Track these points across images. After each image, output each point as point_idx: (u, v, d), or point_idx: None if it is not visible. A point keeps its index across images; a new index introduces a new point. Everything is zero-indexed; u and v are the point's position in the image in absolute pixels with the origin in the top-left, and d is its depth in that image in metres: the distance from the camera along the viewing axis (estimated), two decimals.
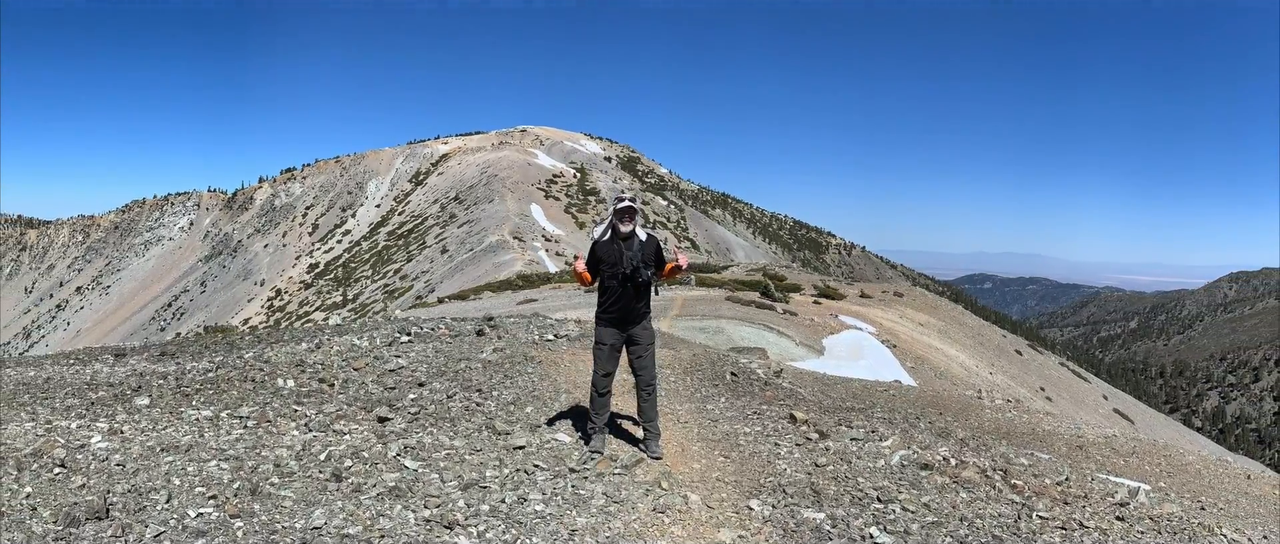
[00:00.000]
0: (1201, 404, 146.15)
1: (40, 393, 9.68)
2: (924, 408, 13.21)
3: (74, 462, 7.02)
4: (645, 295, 8.13)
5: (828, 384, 14.63)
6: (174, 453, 7.39)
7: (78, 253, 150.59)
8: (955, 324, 44.06)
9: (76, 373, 11.15)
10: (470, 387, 10.19)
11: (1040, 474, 8.97)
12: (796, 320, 29.65)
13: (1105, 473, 10.35)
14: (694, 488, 7.46)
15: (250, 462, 7.24)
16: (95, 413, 8.70)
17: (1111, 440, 13.36)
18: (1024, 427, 13.21)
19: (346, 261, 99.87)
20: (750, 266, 60.54)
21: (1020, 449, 10.65)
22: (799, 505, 7.15)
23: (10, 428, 7.98)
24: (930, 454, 8.92)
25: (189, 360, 11.92)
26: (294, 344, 12.86)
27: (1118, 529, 7.17)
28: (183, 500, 6.32)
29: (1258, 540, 7.70)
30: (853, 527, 6.72)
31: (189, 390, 9.78)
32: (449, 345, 12.51)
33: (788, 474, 7.97)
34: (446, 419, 8.87)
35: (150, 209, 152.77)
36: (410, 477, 7.09)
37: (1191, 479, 11.42)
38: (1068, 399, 36.27)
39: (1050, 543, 6.61)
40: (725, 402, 10.81)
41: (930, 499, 7.44)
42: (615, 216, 8.02)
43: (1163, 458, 12.52)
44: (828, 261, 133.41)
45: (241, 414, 8.69)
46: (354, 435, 8.15)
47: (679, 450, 8.51)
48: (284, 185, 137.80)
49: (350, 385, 10.12)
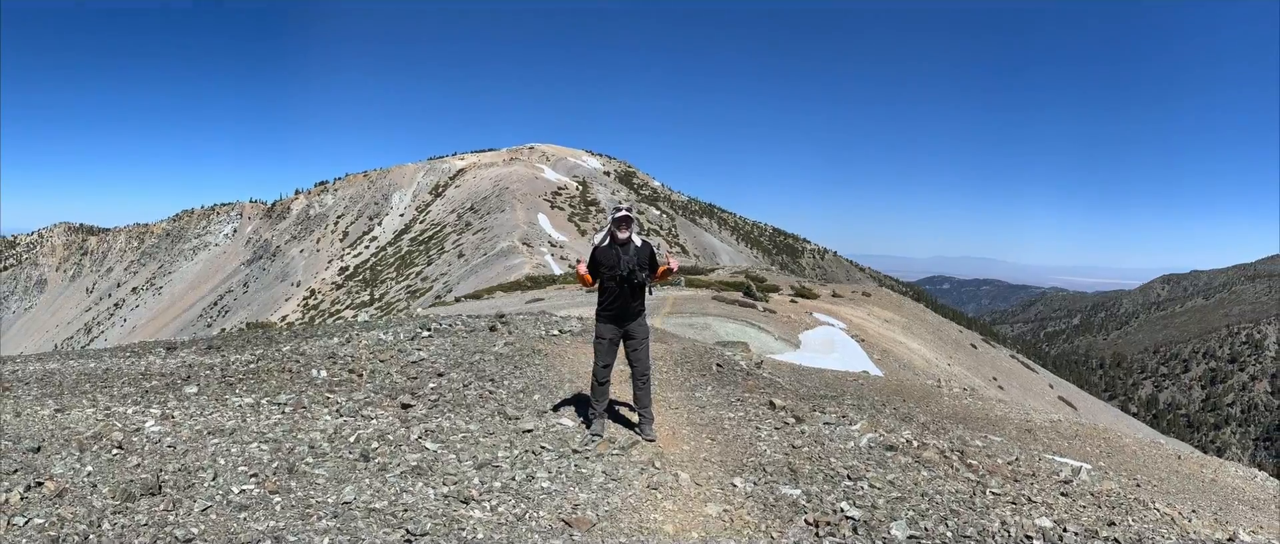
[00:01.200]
0: (1137, 392, 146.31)
1: (100, 382, 9.67)
2: (889, 395, 13.23)
3: (130, 443, 7.02)
4: (640, 295, 8.15)
5: (803, 374, 14.64)
6: (219, 436, 7.39)
7: (133, 257, 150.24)
8: (917, 321, 44.07)
9: (132, 364, 11.14)
10: (484, 376, 10.20)
11: (993, 455, 8.98)
12: (775, 318, 29.65)
13: (1051, 454, 10.37)
14: (684, 467, 7.47)
15: (287, 444, 7.24)
16: (149, 400, 8.69)
17: (1057, 425, 13.37)
18: (978, 412, 13.23)
19: (373, 265, 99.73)
20: (734, 269, 60.53)
21: (975, 432, 10.66)
22: (777, 483, 7.16)
23: (73, 413, 7.98)
24: (895, 437, 8.94)
25: (233, 353, 11.91)
26: (326, 339, 12.85)
27: (1062, 504, 7.19)
28: (227, 478, 6.32)
29: (1187, 513, 7.72)
30: (826, 502, 6.73)
31: (233, 380, 9.78)
32: (465, 340, 12.51)
33: (767, 455, 7.98)
34: (463, 406, 8.88)
35: (198, 218, 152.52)
36: (430, 457, 7.10)
37: (1128, 459, 11.44)
38: (1018, 388, 36.29)
39: (1002, 517, 6.62)
40: (712, 390, 10.82)
41: (895, 477, 7.45)
42: (613, 225, 8.04)
43: (1102, 440, 12.53)
44: (803, 265, 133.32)
45: (280, 401, 8.69)
46: (380, 420, 8.15)
47: (670, 434, 8.52)
48: (317, 197, 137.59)
49: (377, 375, 10.12)
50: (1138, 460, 11.38)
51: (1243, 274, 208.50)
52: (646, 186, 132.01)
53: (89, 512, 5.50)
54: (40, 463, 6.42)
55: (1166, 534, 6.63)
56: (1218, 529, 7.20)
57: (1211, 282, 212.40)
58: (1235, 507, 9.50)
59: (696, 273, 50.36)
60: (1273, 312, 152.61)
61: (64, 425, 7.55)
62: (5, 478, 6.01)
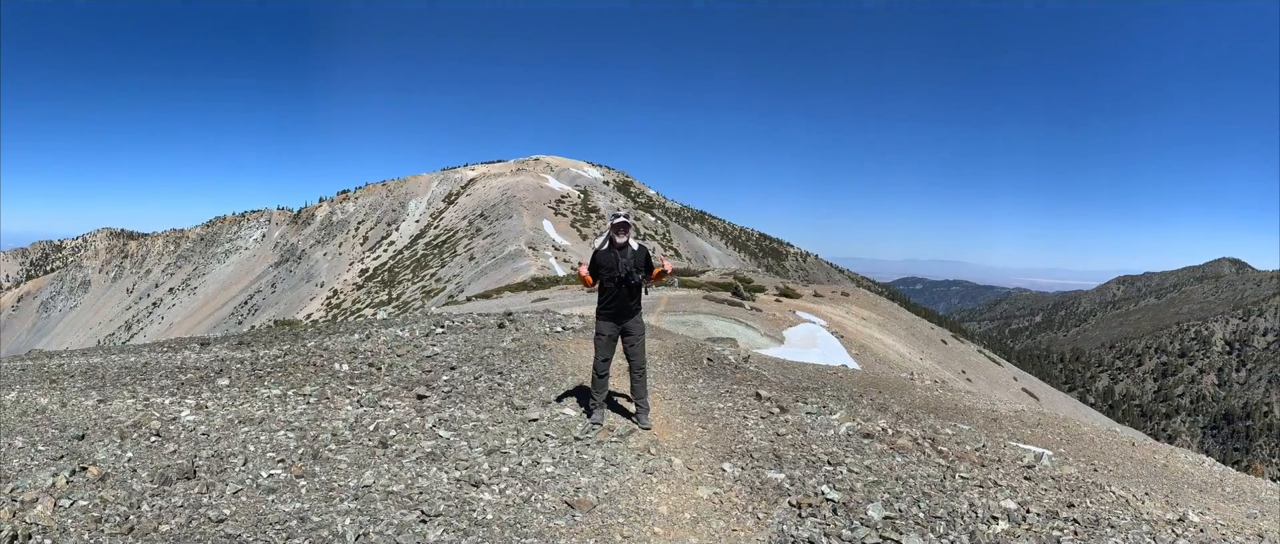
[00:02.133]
0: (1094, 384, 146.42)
1: (139, 375, 9.68)
2: (866, 387, 13.22)
3: (167, 431, 7.03)
4: (637, 295, 8.16)
5: (787, 368, 14.63)
6: (249, 424, 7.39)
7: (170, 260, 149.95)
8: (892, 319, 44.07)
9: (169, 359, 11.14)
10: (493, 370, 10.20)
11: (962, 442, 8.99)
12: (761, 315, 29.64)
13: (1015, 441, 10.37)
14: (677, 453, 7.48)
15: (312, 432, 7.25)
16: (184, 391, 8.70)
17: (1021, 414, 13.37)
18: (948, 403, 13.22)
19: (391, 267, 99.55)
20: (723, 271, 60.48)
21: (945, 421, 10.66)
22: (763, 467, 7.17)
23: (115, 403, 7.99)
24: (871, 425, 8.94)
25: (261, 348, 11.90)
26: (348, 335, 12.85)
27: (1026, 487, 7.20)
28: (256, 463, 6.32)
29: (1140, 496, 7.73)
30: (808, 485, 6.74)
31: (262, 373, 9.78)
32: (475, 336, 12.51)
33: (754, 442, 7.98)
34: (473, 397, 8.88)
35: (230, 224, 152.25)
36: (444, 444, 7.11)
37: (1086, 446, 11.44)
38: (984, 380, 36.29)
39: (970, 499, 6.63)
40: (703, 382, 10.83)
41: (871, 462, 7.46)
42: (612, 230, 8.05)
43: (1063, 429, 12.53)
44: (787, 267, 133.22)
45: (305, 392, 8.69)
46: (397, 410, 8.16)
47: (664, 422, 8.53)
48: (340, 204, 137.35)
49: (394, 369, 10.13)
50: (1095, 447, 11.38)
51: (1192, 275, 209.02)
52: (643, 195, 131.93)
53: (129, 494, 5.50)
54: (85, 449, 6.43)
55: (1121, 515, 6.64)
56: (1169, 511, 7.22)
57: (1163, 282, 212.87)
58: (1185, 490, 9.50)
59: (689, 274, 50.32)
60: (1219, 310, 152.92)
61: (106, 415, 7.56)
62: (52, 463, 6.02)
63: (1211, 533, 6.57)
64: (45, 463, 6.03)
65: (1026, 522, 6.20)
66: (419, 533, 5.33)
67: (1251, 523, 7.70)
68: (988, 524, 6.12)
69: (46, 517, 5.05)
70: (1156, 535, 6.25)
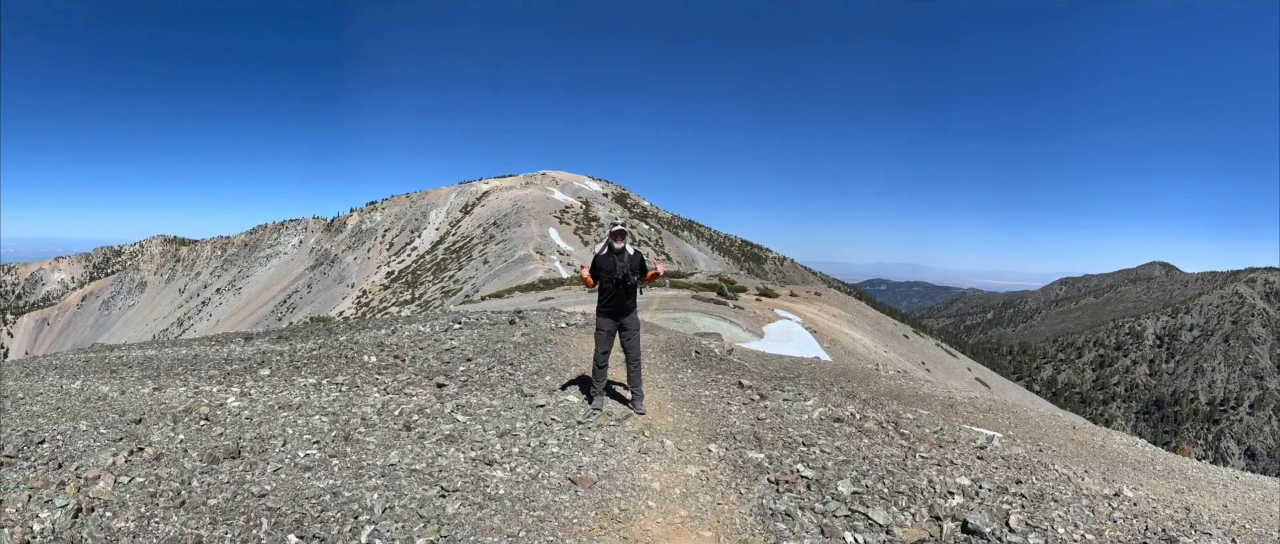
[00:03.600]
0: (1039, 374, 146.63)
1: (190, 366, 9.67)
2: (836, 377, 13.25)
3: (215, 416, 7.02)
4: (632, 294, 8.17)
5: (766, 359, 14.66)
6: (288, 410, 7.39)
7: (217, 263, 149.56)
8: (859, 316, 44.12)
9: (216, 351, 11.13)
10: (505, 361, 10.20)
11: (922, 425, 9.01)
12: (743, 313, 29.65)
13: (969, 425, 10.40)
14: (668, 435, 7.48)
15: (344, 416, 7.24)
16: (230, 380, 8.69)
17: (974, 401, 13.41)
18: (910, 391, 13.26)
19: (414, 270, 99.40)
20: (709, 274, 60.51)
21: (907, 407, 10.68)
22: (745, 448, 7.18)
23: (169, 391, 7.98)
24: (841, 410, 8.96)
25: (299, 342, 11.89)
26: (375, 330, 12.84)
27: (979, 466, 7.21)
28: (294, 444, 6.32)
29: (1080, 473, 7.75)
30: (784, 464, 6.75)
31: (299, 364, 9.77)
32: (489, 331, 12.51)
33: (737, 425, 7.99)
34: (487, 385, 8.88)
35: (271, 231, 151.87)
36: (461, 427, 7.11)
37: (1032, 429, 11.47)
38: (942, 371, 36.34)
39: (929, 476, 6.64)
40: (691, 372, 10.83)
41: (841, 444, 7.47)
42: (611, 237, 8.06)
43: (1011, 414, 12.57)
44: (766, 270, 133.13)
45: (337, 381, 8.69)
46: (419, 397, 8.15)
47: (657, 408, 8.53)
48: (368, 214, 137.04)
49: (417, 360, 10.12)
50: (1040, 430, 11.41)
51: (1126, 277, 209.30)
52: (638, 205, 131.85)
53: (181, 472, 5.50)
54: (141, 432, 6.42)
55: (1064, 491, 6.66)
56: (1106, 486, 7.23)
57: (1101, 283, 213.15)
58: (1120, 468, 9.53)
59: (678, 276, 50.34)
60: (1150, 308, 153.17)
61: (161, 401, 7.55)
62: (113, 444, 6.02)
63: (1144, 506, 6.59)
64: (106, 444, 6.03)
65: (979, 496, 6.22)
66: (439, 506, 5.33)
67: (1179, 497, 7.72)
68: (945, 498, 6.13)
69: (107, 492, 5.04)
70: (1095, 509, 6.26)
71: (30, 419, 6.78)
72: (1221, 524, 6.48)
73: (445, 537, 4.94)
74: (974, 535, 5.52)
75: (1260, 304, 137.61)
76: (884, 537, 5.50)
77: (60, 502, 4.83)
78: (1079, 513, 6.07)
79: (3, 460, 5.57)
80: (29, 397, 7.76)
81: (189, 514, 4.91)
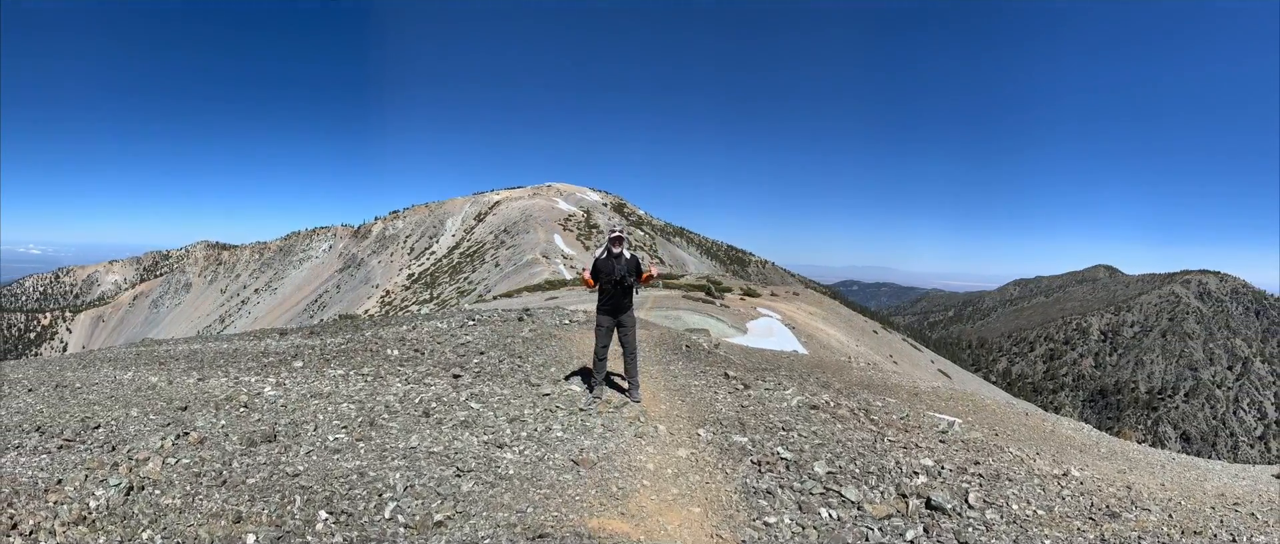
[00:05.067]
0: (995, 366, 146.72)
1: (230, 359, 9.65)
2: (813, 368, 13.25)
3: (253, 403, 7.01)
4: (629, 294, 8.18)
5: (749, 353, 14.66)
6: (319, 398, 7.38)
7: (255, 266, 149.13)
8: (833, 313, 44.12)
9: (254, 345, 11.11)
10: (514, 354, 10.20)
11: (889, 412, 9.03)
12: (729, 311, 29.64)
13: (932, 411, 10.41)
14: (661, 421, 7.49)
15: (369, 404, 7.24)
16: (267, 371, 8.68)
17: (937, 390, 13.42)
18: (879, 381, 13.26)
19: (432, 272, 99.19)
20: (698, 276, 60.49)
21: (876, 395, 10.70)
22: (730, 432, 7.19)
23: (211, 381, 7.97)
24: (817, 398, 8.97)
25: (328, 337, 11.88)
26: (397, 326, 12.83)
27: (940, 448, 7.23)
28: (324, 429, 6.32)
29: (1032, 455, 7.76)
30: (766, 446, 6.76)
31: (329, 357, 9.76)
32: (500, 327, 12.51)
33: (723, 412, 8.00)
34: (498, 376, 8.88)
35: (303, 237, 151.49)
36: (474, 414, 7.11)
37: (989, 416, 11.49)
38: (908, 363, 36.33)
39: (896, 457, 6.66)
40: (682, 364, 10.84)
41: (817, 429, 7.49)
42: (609, 243, 8.09)
43: (970, 402, 12.58)
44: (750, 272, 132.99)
45: (363, 372, 8.68)
46: (437, 386, 8.15)
47: (651, 396, 8.54)
48: (391, 222, 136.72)
49: (435, 353, 10.12)
50: (996, 416, 11.42)
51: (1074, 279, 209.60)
52: (634, 214, 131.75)
53: (222, 454, 5.50)
54: (187, 418, 6.42)
55: (1017, 471, 6.68)
56: (1055, 467, 7.26)
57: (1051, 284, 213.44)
58: (1068, 450, 9.55)
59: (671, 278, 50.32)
60: (1096, 307, 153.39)
61: (204, 390, 7.54)
62: (161, 429, 6.01)
63: (1089, 485, 6.61)
64: (155, 429, 6.02)
65: (942, 476, 6.24)
66: (454, 485, 5.33)
67: (1121, 477, 7.74)
68: (910, 478, 6.15)
69: (156, 472, 5.04)
70: (1046, 487, 6.28)
71: (87, 407, 6.77)
72: (1159, 501, 6.49)
73: (460, 512, 4.95)
74: (937, 511, 5.54)
75: (1195, 303, 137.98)
76: (856, 512, 5.51)
77: (114, 481, 4.82)
78: (1031, 491, 6.09)
79: (62, 443, 5.57)
80: (86, 386, 7.74)
81: (230, 492, 4.91)
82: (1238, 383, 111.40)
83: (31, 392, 7.44)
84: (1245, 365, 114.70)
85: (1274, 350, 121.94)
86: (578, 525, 4.89)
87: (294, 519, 4.66)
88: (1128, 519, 5.70)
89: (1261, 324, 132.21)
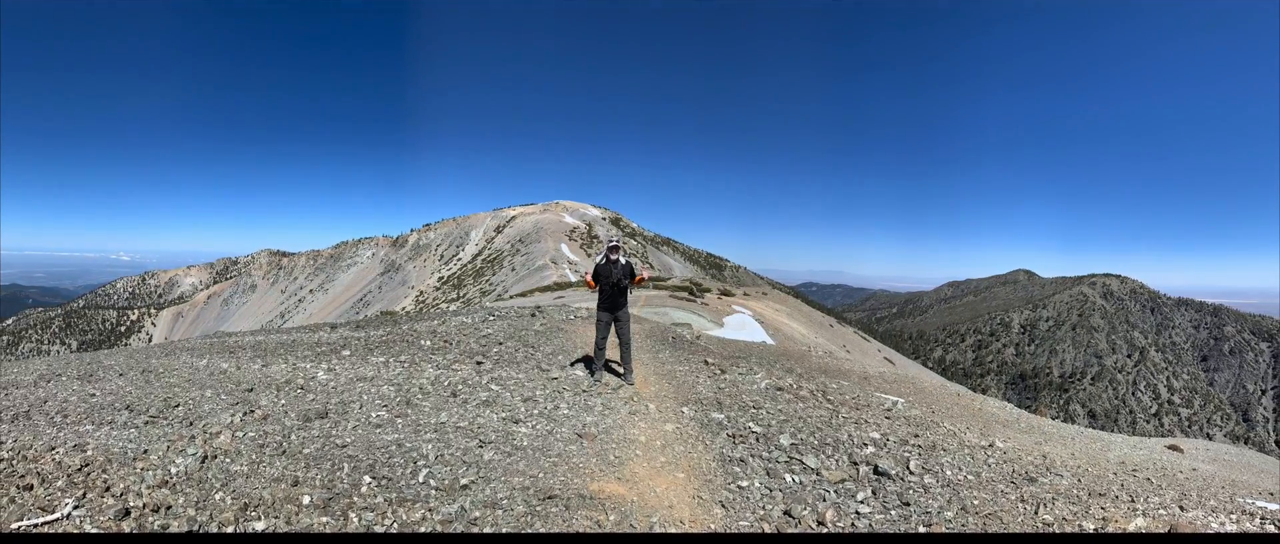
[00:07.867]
0: (932, 354, 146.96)
1: (289, 348, 9.63)
2: (778, 356, 13.28)
3: (308, 386, 7.01)
4: (624, 294, 8.19)
5: (725, 343, 14.67)
6: (363, 381, 7.38)
7: (310, 270, 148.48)
8: (796, 310, 44.21)
9: (309, 337, 11.09)
10: (527, 344, 10.20)
11: (843, 393, 9.06)
12: (708, 308, 29.67)
13: (880, 392, 10.45)
14: (652, 401, 7.50)
15: (406, 386, 7.24)
16: (319, 359, 8.66)
17: (883, 375, 13.46)
18: (834, 366, 13.30)
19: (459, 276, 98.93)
20: (682, 279, 60.51)
21: (832, 379, 10.73)
22: (709, 410, 7.21)
23: (273, 367, 7.95)
24: (782, 381, 9.00)
25: (372, 330, 11.86)
26: (429, 321, 12.82)
27: (886, 424, 7.26)
28: (368, 407, 6.32)
29: (963, 429, 7.81)
30: (739, 422, 6.78)
31: (372, 347, 9.75)
32: (515, 322, 12.51)
33: (703, 393, 8.02)
34: (514, 362, 8.89)
35: (351, 246, 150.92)
36: (494, 394, 7.11)
37: (927, 396, 11.53)
38: (858, 352, 36.41)
39: (849, 431, 6.69)
40: (669, 353, 10.86)
41: (782, 407, 7.51)
42: (608, 251, 8.11)
43: (911, 385, 12.62)
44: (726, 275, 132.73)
45: (401, 360, 8.67)
46: (463, 371, 8.15)
47: (643, 380, 8.55)
48: (424, 234, 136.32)
49: (461, 344, 10.12)
50: (933, 397, 11.47)
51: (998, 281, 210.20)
52: (628, 226, 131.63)
53: (282, 428, 5.50)
54: (252, 398, 6.41)
55: (950, 442, 6.71)
56: (982, 439, 7.29)
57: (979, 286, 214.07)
58: (993, 425, 9.60)
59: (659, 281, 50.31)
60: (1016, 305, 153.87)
61: (267, 375, 7.53)
62: (231, 407, 6.00)
63: (1011, 454, 6.65)
64: (226, 407, 6.01)
65: (887, 446, 6.26)
66: (478, 454, 5.34)
67: (1038, 447, 7.79)
68: (861, 448, 6.17)
69: (227, 443, 5.04)
70: (974, 456, 6.32)
71: (168, 388, 6.75)
72: (1069, 467, 6.53)
73: (483, 477, 4.95)
74: (883, 476, 5.57)
75: (1099, 301, 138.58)
76: (815, 477, 5.54)
77: (191, 451, 4.82)
78: (962, 459, 6.13)
79: (148, 419, 5.55)
80: (167, 371, 7.72)
81: (289, 460, 4.91)
82: (1136, 369, 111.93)
83: (122, 376, 7.41)
84: (1142, 354, 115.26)
85: (1166, 341, 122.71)
86: (581, 488, 4.90)
87: (342, 483, 4.66)
88: (1043, 483, 5.73)
89: (1156, 319, 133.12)
